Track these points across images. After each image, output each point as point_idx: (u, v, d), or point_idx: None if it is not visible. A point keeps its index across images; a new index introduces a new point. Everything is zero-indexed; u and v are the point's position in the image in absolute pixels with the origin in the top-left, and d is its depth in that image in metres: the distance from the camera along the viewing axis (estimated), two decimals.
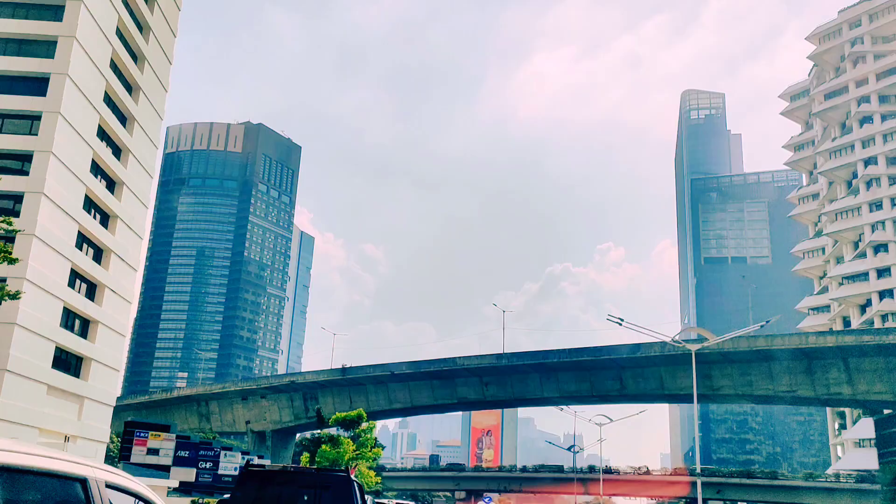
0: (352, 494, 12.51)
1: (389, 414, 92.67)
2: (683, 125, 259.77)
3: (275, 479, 12.72)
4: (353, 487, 12.64)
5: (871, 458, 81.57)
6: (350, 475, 12.76)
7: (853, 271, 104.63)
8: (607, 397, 75.42)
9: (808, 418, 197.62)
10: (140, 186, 64.62)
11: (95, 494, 3.64)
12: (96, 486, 3.70)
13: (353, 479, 12.96)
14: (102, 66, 56.92)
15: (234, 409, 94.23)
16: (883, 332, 64.32)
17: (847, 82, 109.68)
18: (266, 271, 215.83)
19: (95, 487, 3.68)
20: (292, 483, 12.72)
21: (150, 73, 65.81)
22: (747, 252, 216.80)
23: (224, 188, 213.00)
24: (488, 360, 78.48)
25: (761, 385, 65.59)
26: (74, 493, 3.55)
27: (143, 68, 64.29)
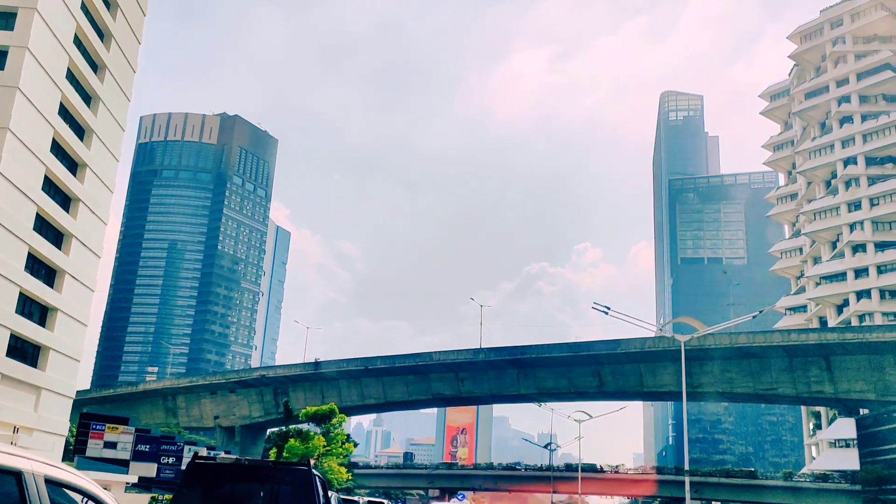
0: (313, 490, 10.72)
1: (362, 410, 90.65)
2: (662, 126, 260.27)
3: (227, 474, 10.92)
4: (314, 482, 10.86)
5: (848, 459, 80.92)
6: (311, 469, 10.95)
7: (831, 271, 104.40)
8: (585, 394, 74.08)
9: (781, 418, 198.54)
10: (104, 169, 61.93)
11: (32, 490, 3.34)
12: (33, 480, 3.39)
13: (315, 472, 11.16)
14: (65, 41, 54.30)
15: (201, 403, 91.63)
16: (866, 329, 63.68)
17: (828, 82, 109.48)
18: (240, 265, 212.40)
19: (32, 482, 3.37)
20: (247, 478, 10.95)
21: (117, 52, 63.12)
22: (723, 253, 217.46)
23: (198, 180, 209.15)
24: (465, 355, 76.78)
25: (742, 382, 64.55)
26: (5, 488, 3.24)
27: (109, 46, 61.60)
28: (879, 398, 59.04)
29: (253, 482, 10.87)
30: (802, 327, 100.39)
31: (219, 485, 10.76)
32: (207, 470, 10.88)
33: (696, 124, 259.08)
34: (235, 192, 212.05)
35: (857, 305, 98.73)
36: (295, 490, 10.80)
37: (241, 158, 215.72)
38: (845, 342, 59.62)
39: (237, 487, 10.80)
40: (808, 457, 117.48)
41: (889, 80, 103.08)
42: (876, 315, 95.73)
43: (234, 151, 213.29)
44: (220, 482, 10.79)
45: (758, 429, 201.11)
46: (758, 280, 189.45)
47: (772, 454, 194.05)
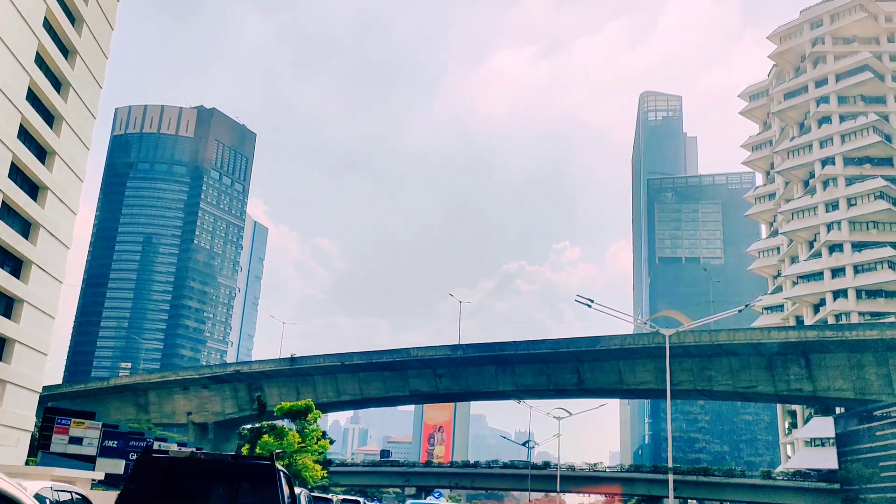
0: (276, 486, 9.72)
1: (338, 406, 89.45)
2: (641, 126, 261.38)
3: (181, 469, 9.86)
4: (278, 477, 9.87)
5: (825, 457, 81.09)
6: (274, 463, 9.95)
7: (808, 271, 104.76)
8: (565, 391, 73.49)
9: (756, 417, 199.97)
10: (75, 157, 60.24)
11: None
12: None
13: (279, 467, 10.16)
14: (35, 25, 52.61)
15: (174, 399, 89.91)
16: (845, 327, 63.67)
17: (807, 82, 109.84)
18: (216, 260, 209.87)
19: None
20: (203, 474, 9.91)
21: (89, 37, 61.39)
22: (701, 252, 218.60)
23: (174, 173, 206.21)
24: (443, 352, 75.87)
25: (721, 380, 64.31)
26: None
27: (80, 31, 59.88)
28: (858, 397, 59.03)
29: (210, 478, 9.86)
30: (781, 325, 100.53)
31: (172, 481, 9.73)
32: (159, 464, 9.84)
33: (675, 125, 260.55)
34: (212, 186, 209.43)
35: (834, 305, 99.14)
36: (256, 486, 9.81)
37: (219, 152, 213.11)
38: (825, 340, 59.53)
39: (192, 484, 9.77)
40: (784, 456, 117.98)
41: (868, 82, 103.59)
42: (852, 314, 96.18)
43: (212, 145, 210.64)
44: (174, 478, 9.75)
45: (733, 428, 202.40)
46: (734, 280, 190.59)
47: (747, 453, 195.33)
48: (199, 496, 9.72)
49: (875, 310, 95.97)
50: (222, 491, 9.79)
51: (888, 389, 58.53)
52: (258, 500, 9.74)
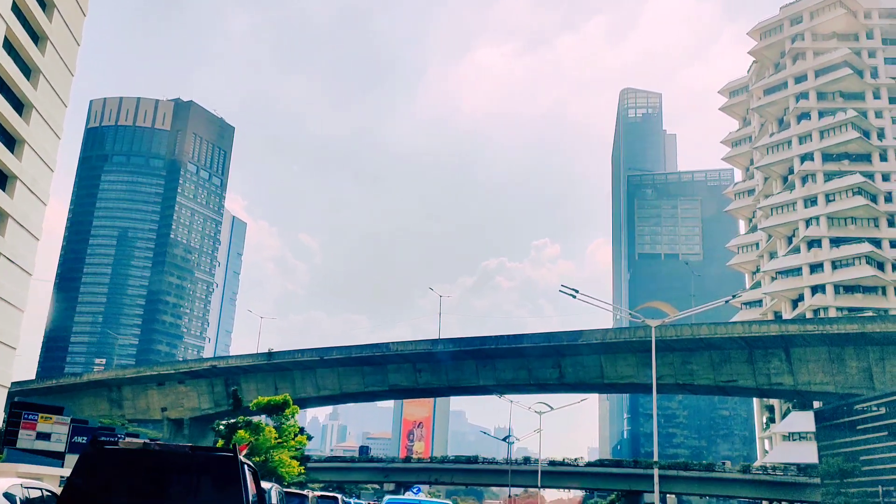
0: (240, 481, 8.81)
1: (317, 401, 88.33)
2: (621, 123, 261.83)
3: (132, 462, 8.88)
4: (241, 472, 8.95)
5: (804, 452, 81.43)
6: (238, 455, 9.02)
7: (786, 266, 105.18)
8: (546, 386, 72.95)
9: (733, 413, 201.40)
10: (45, 147, 58.69)
11: None
12: None
13: (243, 460, 9.24)
14: (3, 9, 51.08)
15: (148, 395, 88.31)
16: (827, 321, 63.72)
17: (786, 78, 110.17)
18: (194, 255, 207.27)
19: None
20: (159, 466, 8.92)
21: (60, 23, 59.84)
22: (680, 249, 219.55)
23: (150, 166, 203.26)
24: (423, 346, 75.05)
25: (702, 374, 64.09)
26: None
27: (51, 16, 58.34)
28: (839, 391, 59.08)
29: (166, 472, 8.88)
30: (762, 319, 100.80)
31: (121, 475, 8.76)
32: (107, 457, 8.86)
33: (655, 122, 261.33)
34: (189, 179, 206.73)
35: (812, 300, 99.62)
36: (217, 481, 8.87)
37: (196, 145, 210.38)
38: (806, 334, 59.47)
39: (146, 478, 8.80)
40: (761, 450, 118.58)
41: (846, 78, 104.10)
42: (830, 310, 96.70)
43: (189, 138, 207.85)
44: (124, 472, 8.79)
45: (710, 423, 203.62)
46: (713, 276, 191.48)
47: (724, 448, 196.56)
48: (152, 492, 8.74)
49: (853, 305, 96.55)
50: (179, 486, 8.83)
51: (868, 384, 58.61)
52: (219, 495, 8.81)
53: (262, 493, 10.23)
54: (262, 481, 15.43)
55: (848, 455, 56.18)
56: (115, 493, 8.65)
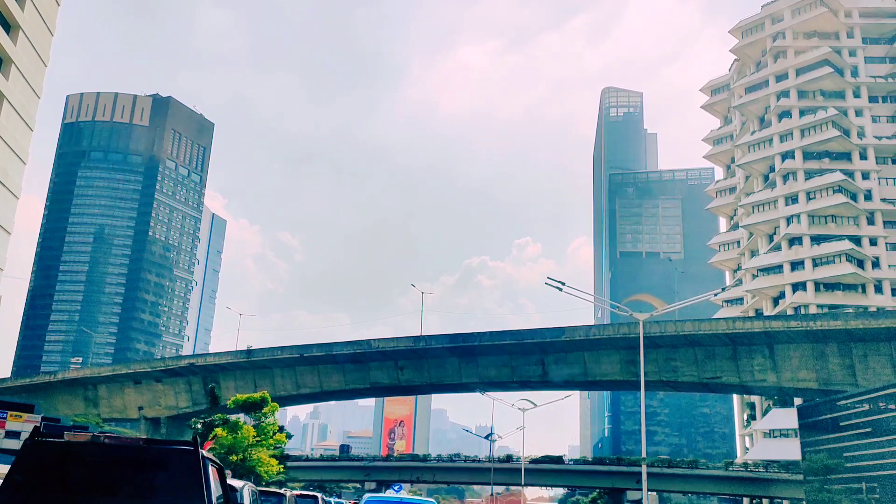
0: (200, 477, 7.88)
1: (297, 399, 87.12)
2: (602, 122, 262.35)
3: (80, 457, 7.91)
4: (203, 467, 8.01)
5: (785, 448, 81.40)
6: (198, 448, 8.08)
7: (768, 264, 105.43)
8: (529, 383, 72.34)
9: (713, 410, 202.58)
10: (17, 138, 57.16)
11: None
12: None
13: (205, 454, 8.32)
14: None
15: (125, 393, 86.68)
16: (811, 317, 63.59)
17: (768, 76, 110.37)
18: (172, 252, 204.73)
19: None
20: (109, 462, 7.94)
21: (33, 12, 58.35)
22: (661, 247, 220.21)
23: (128, 163, 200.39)
24: (405, 343, 74.14)
25: (686, 371, 63.78)
26: None
27: (23, 5, 56.86)
28: (822, 387, 58.99)
29: (117, 467, 7.92)
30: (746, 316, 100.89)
31: (66, 471, 7.82)
32: (51, 452, 7.90)
33: (636, 121, 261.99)
34: (168, 176, 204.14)
35: (793, 297, 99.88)
36: (176, 477, 7.91)
37: (175, 142, 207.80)
38: (790, 330, 59.31)
39: (94, 474, 7.84)
40: (741, 448, 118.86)
41: (827, 76, 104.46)
42: (811, 307, 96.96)
43: (168, 135, 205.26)
44: (69, 468, 7.84)
45: (691, 421, 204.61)
46: (694, 274, 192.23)
47: (704, 445, 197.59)
48: (101, 490, 7.77)
49: (833, 302, 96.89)
50: (132, 483, 7.88)
51: (851, 380, 58.57)
52: (177, 493, 7.86)
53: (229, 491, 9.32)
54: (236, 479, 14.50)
55: (831, 452, 56.06)
56: (59, 491, 7.71)
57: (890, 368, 58.42)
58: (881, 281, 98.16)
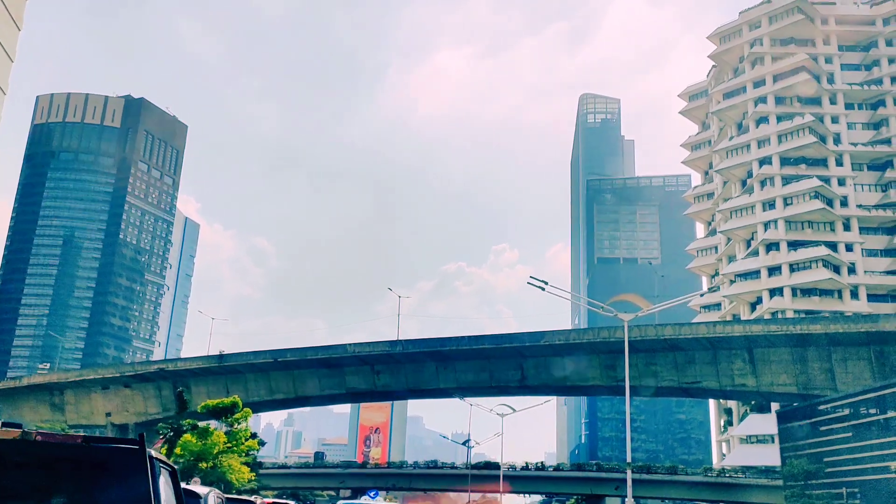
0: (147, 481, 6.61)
1: (271, 405, 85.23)
2: (580, 128, 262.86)
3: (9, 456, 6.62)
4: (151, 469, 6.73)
5: (763, 454, 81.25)
6: (145, 447, 6.79)
7: (745, 269, 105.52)
8: (507, 388, 71.26)
9: (689, 416, 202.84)
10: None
11: None
12: None
13: (154, 454, 7.02)
14: None
15: (92, 399, 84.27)
16: (791, 321, 63.28)
17: (745, 83, 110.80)
18: (144, 256, 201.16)
19: None
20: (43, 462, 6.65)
21: None
22: (638, 253, 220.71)
23: (99, 164, 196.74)
24: (381, 347, 72.69)
25: (666, 376, 63.10)
26: None
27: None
28: (802, 392, 58.57)
29: (52, 468, 6.66)
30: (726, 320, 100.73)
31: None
32: None
33: (614, 127, 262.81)
34: (140, 178, 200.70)
35: (770, 303, 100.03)
36: (118, 480, 6.66)
37: (148, 144, 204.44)
38: (770, 334, 58.87)
39: (23, 476, 6.58)
40: (718, 454, 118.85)
41: (804, 83, 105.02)
42: (788, 312, 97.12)
43: (140, 136, 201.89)
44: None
45: (667, 427, 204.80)
46: (671, 280, 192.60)
47: (680, 451, 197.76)
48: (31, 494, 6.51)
49: (810, 308, 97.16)
50: (68, 486, 6.62)
51: (831, 384, 58.20)
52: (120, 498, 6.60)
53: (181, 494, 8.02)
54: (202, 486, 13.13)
55: (811, 456, 55.62)
56: None
57: (869, 373, 58.14)
58: (857, 286, 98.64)
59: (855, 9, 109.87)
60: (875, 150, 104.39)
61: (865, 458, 50.50)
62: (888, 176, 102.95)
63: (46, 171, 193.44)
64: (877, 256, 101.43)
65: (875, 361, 57.12)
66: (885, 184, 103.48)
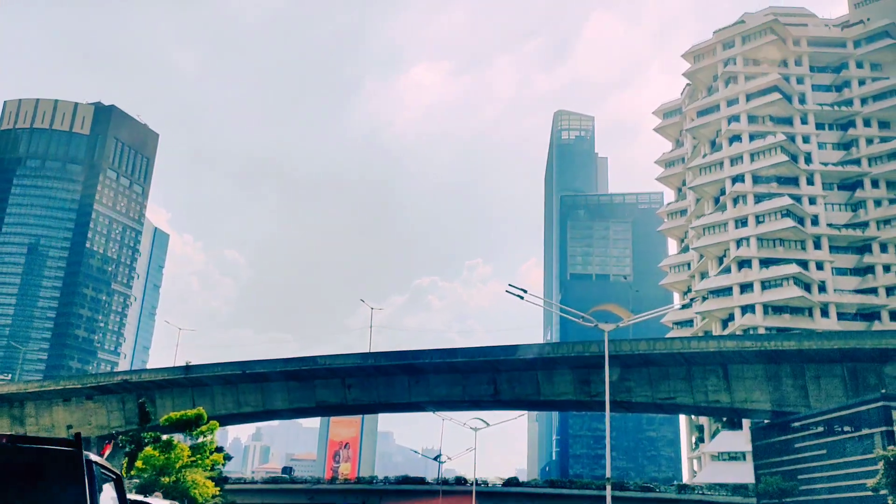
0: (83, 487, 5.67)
1: (239, 419, 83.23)
2: (555, 145, 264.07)
3: None
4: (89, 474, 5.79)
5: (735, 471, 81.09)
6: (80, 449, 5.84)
7: (717, 286, 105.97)
8: (480, 402, 70.27)
9: (659, 434, 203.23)
10: None
11: None
12: None
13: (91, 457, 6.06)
14: None
15: (53, 411, 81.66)
16: (765, 338, 63.19)
17: (719, 101, 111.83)
18: (110, 266, 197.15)
19: None
20: None
21: None
22: (611, 269, 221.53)
23: (67, 172, 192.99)
24: (353, 360, 71.36)
25: (640, 392, 62.58)
26: None
27: None
28: (775, 408, 58.39)
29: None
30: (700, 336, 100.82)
31: None
32: None
33: (587, 144, 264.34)
34: (109, 186, 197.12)
35: (742, 320, 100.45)
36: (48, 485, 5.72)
37: (117, 151, 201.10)
38: (744, 350, 58.68)
39: None
40: (689, 471, 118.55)
41: (776, 102, 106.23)
42: (759, 329, 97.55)
43: (110, 143, 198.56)
44: None
45: (637, 444, 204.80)
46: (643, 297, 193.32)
47: (650, 469, 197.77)
48: None
49: (781, 325, 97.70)
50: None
51: (804, 401, 58.09)
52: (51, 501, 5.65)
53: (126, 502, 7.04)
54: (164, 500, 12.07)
55: (786, 474, 55.31)
56: None
57: (842, 390, 58.11)
58: (827, 305, 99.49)
59: (826, 31, 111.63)
60: (845, 169, 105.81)
61: (840, 475, 50.31)
62: (858, 195, 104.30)
63: (12, 177, 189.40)
64: (846, 275, 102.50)
65: (848, 378, 57.14)
66: (854, 203, 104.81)
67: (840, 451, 50.92)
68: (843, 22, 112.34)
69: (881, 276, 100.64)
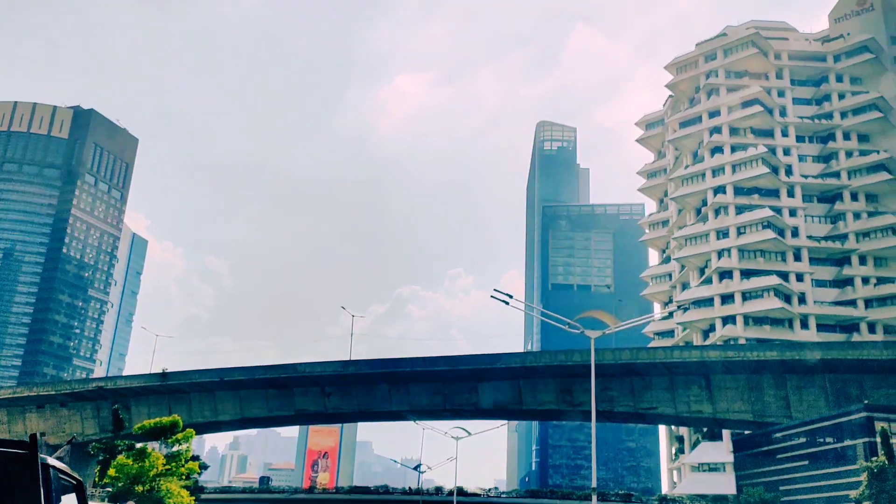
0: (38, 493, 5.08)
1: (216, 427, 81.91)
2: (537, 155, 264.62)
3: None
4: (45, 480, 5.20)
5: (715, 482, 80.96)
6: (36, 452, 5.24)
7: (699, 297, 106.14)
8: (461, 412, 69.62)
9: (639, 445, 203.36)
10: None
11: None
12: None
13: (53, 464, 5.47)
14: None
15: (26, 419, 79.90)
16: (747, 348, 63.22)
17: (701, 112, 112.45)
18: (87, 272, 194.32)
19: None
20: None
21: None
22: (592, 280, 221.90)
23: (44, 176, 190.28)
24: (333, 368, 70.46)
25: (622, 401, 62.28)
26: None
27: None
28: (757, 419, 58.34)
29: None
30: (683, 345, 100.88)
31: None
32: None
33: (570, 155, 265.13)
34: (87, 191, 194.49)
35: (723, 331, 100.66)
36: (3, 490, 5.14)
37: (96, 156, 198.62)
38: (727, 360, 58.63)
39: None
40: (668, 482, 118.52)
41: (758, 115, 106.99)
42: (740, 340, 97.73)
43: (88, 148, 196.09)
44: None
45: (616, 454, 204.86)
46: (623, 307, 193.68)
47: (629, 480, 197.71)
48: None
49: (761, 336, 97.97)
50: None
51: (786, 412, 58.06)
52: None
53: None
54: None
55: (768, 485, 55.15)
56: None
57: (823, 400, 58.18)
58: (807, 316, 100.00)
59: (807, 45, 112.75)
60: (825, 182, 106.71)
61: (822, 486, 50.22)
62: (837, 208, 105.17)
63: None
64: (825, 287, 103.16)
65: (830, 389, 57.19)
66: (833, 216, 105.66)
67: (823, 462, 50.84)
68: (824, 36, 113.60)
69: (860, 288, 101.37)
